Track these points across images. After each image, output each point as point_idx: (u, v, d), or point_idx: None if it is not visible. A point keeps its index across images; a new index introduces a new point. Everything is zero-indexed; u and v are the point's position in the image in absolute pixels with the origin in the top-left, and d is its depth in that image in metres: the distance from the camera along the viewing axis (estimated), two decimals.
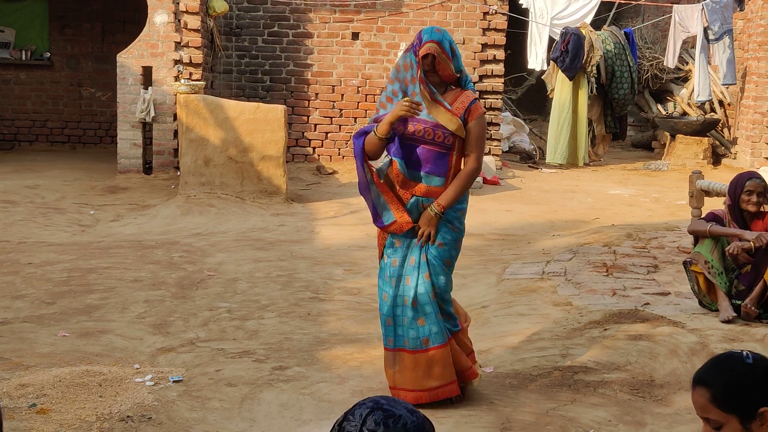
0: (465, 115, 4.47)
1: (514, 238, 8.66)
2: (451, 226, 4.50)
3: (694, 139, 13.71)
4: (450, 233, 4.50)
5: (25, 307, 6.15)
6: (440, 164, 4.46)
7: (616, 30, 12.58)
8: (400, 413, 1.97)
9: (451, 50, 4.49)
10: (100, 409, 4.34)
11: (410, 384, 4.47)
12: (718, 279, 5.51)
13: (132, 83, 11.02)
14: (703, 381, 2.37)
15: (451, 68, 4.48)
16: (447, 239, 4.50)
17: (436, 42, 4.43)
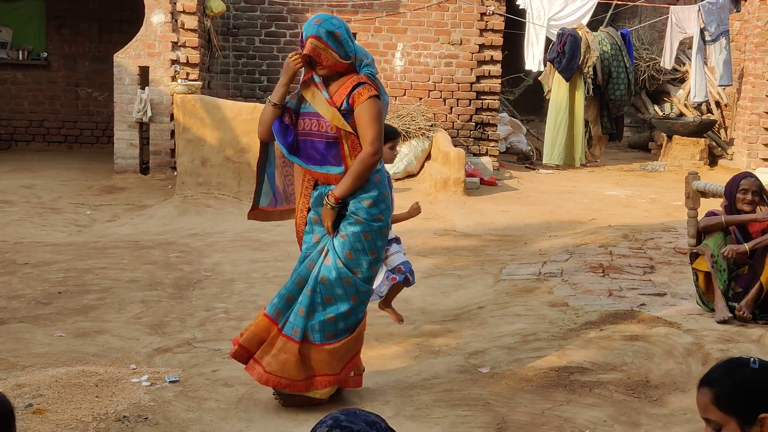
0: (348, 101, 4.29)
1: (511, 239, 8.66)
2: (356, 217, 4.29)
3: (690, 140, 13.73)
4: (354, 225, 4.30)
5: (21, 308, 6.15)
6: (333, 155, 4.31)
7: (613, 31, 12.61)
8: (359, 428, 2.01)
9: (334, 38, 4.25)
10: (97, 410, 4.34)
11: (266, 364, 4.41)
12: (719, 276, 5.50)
13: (129, 83, 11.02)
14: (708, 382, 2.40)
15: (334, 57, 4.27)
16: (348, 231, 4.30)
17: (314, 36, 4.24)
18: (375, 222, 4.32)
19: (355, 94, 4.28)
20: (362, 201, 4.30)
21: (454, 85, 12.67)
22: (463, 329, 5.75)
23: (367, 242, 4.32)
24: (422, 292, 6.71)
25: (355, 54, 4.34)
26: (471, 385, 4.81)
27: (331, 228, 4.32)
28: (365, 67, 4.37)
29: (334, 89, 4.34)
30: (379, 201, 4.34)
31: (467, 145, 12.59)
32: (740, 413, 2.31)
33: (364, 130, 4.27)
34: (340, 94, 4.31)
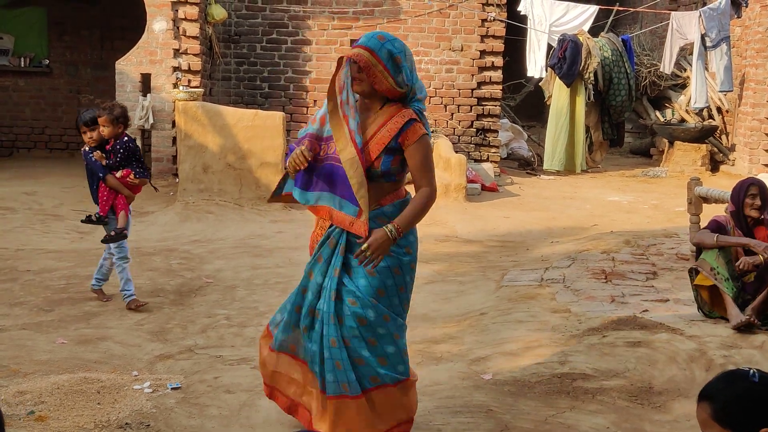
0: (398, 139, 3.88)
1: (513, 245, 8.66)
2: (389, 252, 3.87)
3: (692, 146, 13.73)
4: (386, 259, 3.87)
5: (23, 314, 6.14)
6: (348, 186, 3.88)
7: (614, 37, 12.63)
8: None
9: (394, 62, 3.87)
10: (98, 417, 4.33)
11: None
12: (725, 285, 5.46)
13: (131, 90, 11.02)
14: (707, 396, 2.35)
15: (389, 82, 3.87)
16: (380, 266, 3.85)
17: (370, 50, 3.86)
18: (405, 256, 3.96)
19: (408, 132, 3.89)
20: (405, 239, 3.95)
21: (455, 91, 12.67)
22: (465, 336, 5.74)
23: (398, 277, 3.94)
24: (424, 299, 6.70)
25: (412, 85, 3.95)
26: (473, 391, 4.80)
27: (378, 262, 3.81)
28: (416, 102, 3.99)
29: (376, 118, 3.95)
30: (408, 233, 3.96)
31: (468, 151, 12.59)
32: (740, 428, 2.26)
33: (422, 172, 3.90)
34: (389, 128, 3.89)
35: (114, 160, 6.31)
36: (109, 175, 6.30)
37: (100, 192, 6.37)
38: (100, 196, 6.37)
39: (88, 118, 6.26)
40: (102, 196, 6.37)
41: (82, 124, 6.27)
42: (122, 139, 6.35)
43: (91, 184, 6.42)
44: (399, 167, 3.95)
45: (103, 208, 6.37)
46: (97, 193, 6.40)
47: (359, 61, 3.87)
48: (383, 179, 3.93)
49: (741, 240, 5.53)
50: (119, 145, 6.33)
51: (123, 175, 6.35)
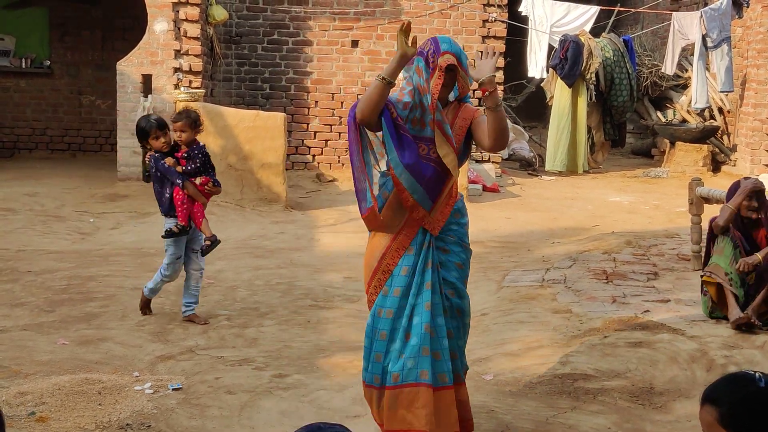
0: (471, 125, 4.10)
1: (514, 246, 8.65)
2: (463, 244, 4.14)
3: (693, 147, 13.72)
4: (463, 251, 4.14)
5: (24, 315, 6.14)
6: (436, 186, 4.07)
7: (615, 37, 12.60)
8: None
9: (466, 61, 4.10)
10: (99, 417, 4.33)
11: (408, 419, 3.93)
12: (739, 292, 5.44)
13: (132, 91, 11.03)
14: (712, 399, 2.32)
15: (465, 81, 4.08)
16: (463, 258, 4.13)
17: (455, 55, 4.00)
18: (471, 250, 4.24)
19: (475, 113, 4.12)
20: (464, 227, 4.18)
21: None
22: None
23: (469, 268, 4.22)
24: None
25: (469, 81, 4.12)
26: (475, 392, 4.79)
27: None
28: (468, 98, 4.26)
29: (450, 117, 4.10)
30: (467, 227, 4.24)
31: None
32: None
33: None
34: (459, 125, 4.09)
35: (193, 167, 5.95)
36: (188, 182, 5.92)
37: (178, 200, 5.92)
38: (178, 204, 5.92)
39: (158, 122, 5.93)
40: (181, 205, 5.92)
41: (155, 128, 5.88)
42: (199, 145, 6.05)
43: (161, 193, 5.98)
44: (466, 157, 4.27)
45: (183, 216, 5.92)
46: (170, 202, 5.94)
47: (454, 68, 3.99)
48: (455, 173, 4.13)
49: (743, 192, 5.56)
50: (198, 151, 5.99)
51: (202, 183, 6.00)
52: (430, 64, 4.02)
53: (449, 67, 3.96)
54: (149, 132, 5.92)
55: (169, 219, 5.98)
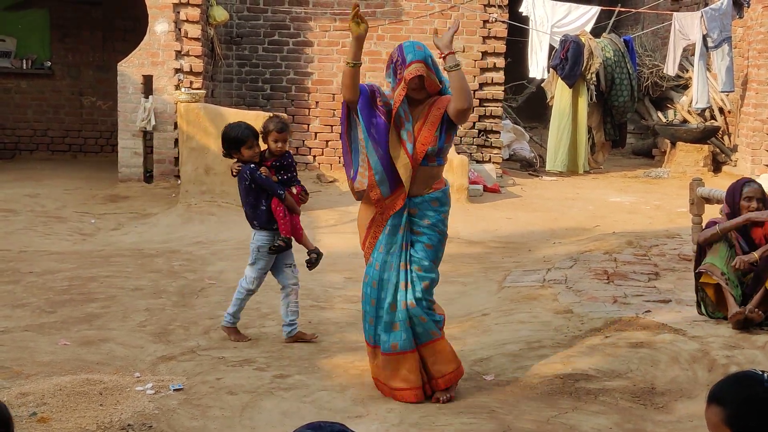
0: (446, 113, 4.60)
1: (515, 246, 8.65)
2: (437, 229, 4.68)
3: (694, 147, 13.72)
4: (436, 235, 4.68)
5: (25, 316, 6.15)
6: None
7: (616, 38, 12.61)
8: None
9: (434, 64, 4.60)
10: (101, 418, 4.33)
11: (383, 378, 4.74)
12: (736, 292, 5.44)
13: (132, 92, 11.03)
14: (719, 399, 2.31)
15: (437, 83, 4.61)
16: (434, 241, 4.68)
17: (422, 61, 4.52)
18: (446, 232, 4.75)
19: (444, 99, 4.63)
20: (441, 213, 4.70)
21: None
22: (467, 336, 5.74)
23: (442, 250, 4.76)
24: None
25: (441, 79, 4.66)
26: (476, 392, 4.80)
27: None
28: (448, 90, 4.68)
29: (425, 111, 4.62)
30: (448, 214, 4.77)
31: (470, 153, 12.59)
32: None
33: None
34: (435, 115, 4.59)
35: (288, 176, 5.70)
36: (287, 193, 5.63)
37: (279, 212, 5.61)
38: (280, 217, 5.61)
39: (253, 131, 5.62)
40: (283, 218, 5.61)
41: (251, 137, 5.59)
42: (290, 153, 5.78)
43: (256, 206, 5.68)
44: (450, 144, 4.69)
45: (287, 229, 5.61)
46: (266, 214, 5.64)
47: (422, 74, 4.52)
48: (435, 162, 4.64)
49: (740, 219, 5.52)
50: (290, 159, 5.75)
51: (297, 192, 5.75)
52: (397, 74, 4.59)
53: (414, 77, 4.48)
54: (245, 141, 5.58)
55: (263, 232, 5.66)
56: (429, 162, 4.63)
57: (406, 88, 4.53)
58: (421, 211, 4.66)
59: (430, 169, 4.65)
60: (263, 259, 5.70)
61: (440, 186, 4.72)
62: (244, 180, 5.66)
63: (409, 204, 4.65)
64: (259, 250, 5.68)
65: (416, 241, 4.66)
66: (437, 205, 4.69)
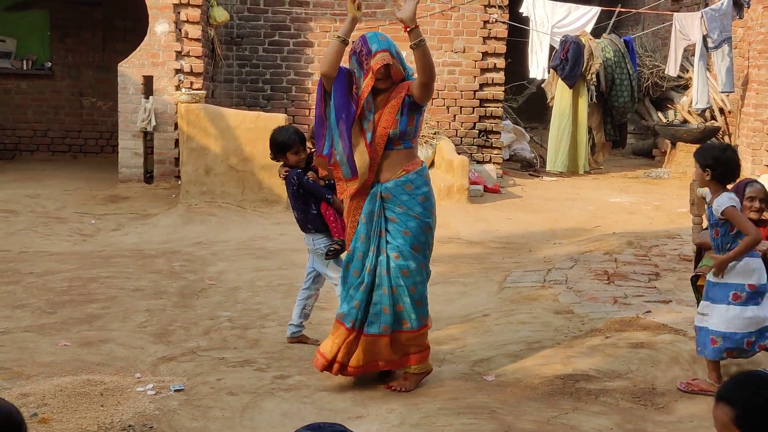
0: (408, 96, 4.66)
1: (515, 246, 8.66)
2: (413, 214, 4.67)
3: (694, 147, 13.67)
4: (413, 220, 4.67)
5: (26, 317, 6.15)
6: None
7: (616, 38, 12.60)
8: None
9: (397, 53, 4.69)
10: (102, 419, 4.33)
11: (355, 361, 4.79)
12: None
13: (133, 92, 11.03)
14: (728, 399, 2.31)
15: (401, 71, 4.69)
16: (411, 226, 4.67)
17: (387, 50, 4.62)
18: (430, 217, 4.73)
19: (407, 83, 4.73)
20: (417, 197, 4.68)
21: (458, 93, 12.68)
22: (467, 337, 5.74)
23: (426, 236, 4.73)
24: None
25: (405, 66, 4.77)
26: (476, 393, 4.80)
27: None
28: (411, 76, 4.82)
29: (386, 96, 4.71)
30: (429, 196, 4.75)
31: (471, 153, 12.59)
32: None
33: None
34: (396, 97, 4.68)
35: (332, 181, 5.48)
36: (334, 197, 5.41)
37: (330, 216, 5.48)
38: (331, 221, 5.48)
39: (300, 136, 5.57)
40: (334, 221, 5.47)
41: (298, 143, 5.55)
42: None
43: (306, 210, 5.56)
44: (414, 128, 4.71)
45: (338, 231, 5.45)
46: (319, 218, 5.51)
47: (389, 62, 4.60)
48: (401, 145, 4.69)
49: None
50: None
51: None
52: (363, 65, 4.67)
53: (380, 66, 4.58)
54: (291, 146, 5.55)
55: (317, 236, 5.53)
56: (395, 146, 4.68)
57: (373, 79, 4.62)
58: (394, 195, 4.67)
59: (396, 153, 4.69)
60: (333, 261, 5.56)
61: (413, 168, 4.72)
62: (292, 185, 5.58)
63: (381, 189, 4.69)
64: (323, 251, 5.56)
65: (391, 226, 4.69)
66: (411, 188, 4.68)
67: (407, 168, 4.70)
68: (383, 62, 4.57)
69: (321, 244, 5.54)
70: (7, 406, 2.28)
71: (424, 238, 4.72)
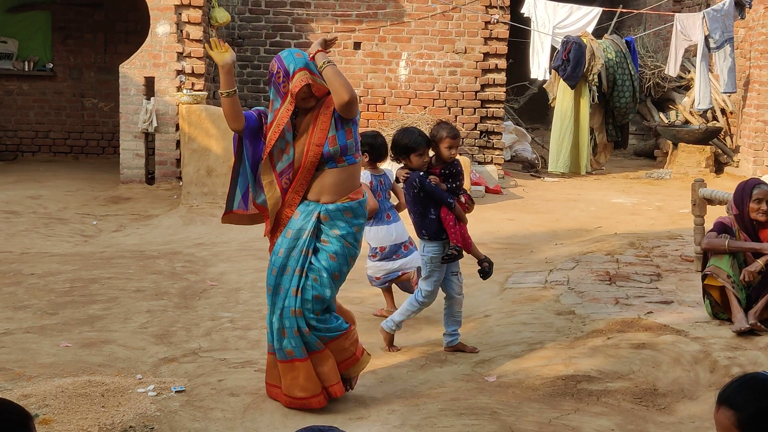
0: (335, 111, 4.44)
1: (517, 247, 8.65)
2: (345, 242, 4.50)
3: (696, 148, 13.71)
4: (344, 248, 4.50)
5: (27, 318, 6.15)
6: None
7: (618, 39, 12.60)
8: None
9: (315, 67, 4.45)
10: (103, 420, 4.33)
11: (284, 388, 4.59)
12: (741, 294, 5.42)
13: (134, 93, 11.04)
14: (730, 402, 2.31)
15: (324, 85, 4.44)
16: (340, 253, 4.49)
17: (305, 68, 4.41)
18: (357, 249, 4.56)
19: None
20: (353, 226, 4.51)
21: (459, 94, 12.68)
22: (469, 338, 5.74)
23: (348, 267, 4.58)
24: None
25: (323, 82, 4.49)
26: (478, 393, 4.80)
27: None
28: None
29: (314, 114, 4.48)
30: (362, 229, 4.60)
31: (472, 154, 12.59)
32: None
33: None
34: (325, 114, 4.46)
35: (456, 185, 5.42)
36: (456, 202, 5.35)
37: (449, 222, 5.32)
38: (450, 226, 5.32)
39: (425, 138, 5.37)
40: (453, 227, 5.32)
41: (423, 145, 5.33)
42: (458, 161, 5.49)
43: (424, 215, 5.38)
44: (354, 140, 4.50)
45: (457, 237, 5.32)
46: (435, 224, 5.34)
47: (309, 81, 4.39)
48: (345, 162, 4.47)
49: (753, 245, 5.48)
50: (459, 167, 5.46)
51: (465, 201, 5.47)
52: (280, 90, 4.46)
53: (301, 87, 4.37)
54: (416, 149, 5.33)
55: (433, 242, 5.39)
56: (338, 163, 4.46)
57: (293, 102, 4.42)
58: (332, 219, 4.47)
59: (340, 171, 4.47)
60: (437, 270, 5.43)
61: (357, 197, 4.54)
62: (413, 188, 5.37)
63: (321, 210, 4.47)
64: (431, 261, 5.41)
65: (321, 249, 4.49)
66: (350, 216, 4.50)
67: (353, 196, 4.51)
68: (303, 83, 4.36)
69: (431, 253, 5.38)
70: (16, 406, 2.30)
71: (346, 269, 4.57)
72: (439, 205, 5.34)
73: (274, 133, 4.45)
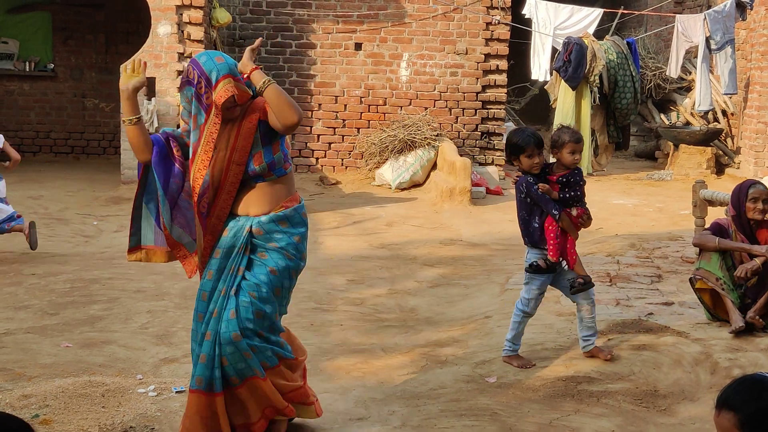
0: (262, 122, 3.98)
1: (518, 248, 8.63)
2: (286, 253, 4.02)
3: (697, 149, 13.70)
4: (284, 260, 4.02)
5: (28, 318, 6.15)
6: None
7: (619, 40, 12.62)
8: None
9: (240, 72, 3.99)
10: (103, 420, 4.33)
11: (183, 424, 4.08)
12: (732, 295, 5.41)
13: None
14: (731, 405, 2.30)
15: (248, 92, 3.97)
16: (280, 266, 4.01)
17: (228, 75, 3.90)
18: (301, 261, 4.11)
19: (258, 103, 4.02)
20: (293, 237, 4.05)
21: (460, 95, 12.68)
22: (469, 339, 5.74)
23: (291, 282, 4.10)
24: (428, 302, 6.70)
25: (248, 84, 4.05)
26: (478, 395, 4.79)
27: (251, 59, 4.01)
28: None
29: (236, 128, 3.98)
30: (304, 238, 4.13)
31: (473, 155, 12.59)
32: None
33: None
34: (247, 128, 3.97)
35: (570, 195, 5.08)
36: (564, 214, 5.05)
37: (551, 233, 5.06)
38: (551, 237, 5.06)
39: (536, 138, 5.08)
40: (554, 239, 5.06)
41: (532, 145, 5.03)
42: (579, 170, 5.17)
43: (528, 222, 5.12)
44: (281, 153, 4.02)
45: (555, 252, 5.05)
46: (538, 232, 5.10)
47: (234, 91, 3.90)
48: (273, 176, 4.01)
49: (743, 246, 5.47)
50: (578, 178, 5.12)
51: (578, 214, 5.11)
52: (203, 102, 3.93)
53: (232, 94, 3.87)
54: (524, 149, 5.03)
55: (534, 250, 5.16)
56: (266, 177, 3.99)
57: (220, 114, 3.91)
58: (267, 232, 4.00)
59: (269, 185, 4.02)
60: (535, 280, 5.18)
61: (291, 204, 4.07)
62: (520, 192, 5.13)
63: (253, 223, 4.01)
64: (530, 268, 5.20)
65: (258, 263, 4.01)
66: (287, 226, 4.03)
67: (286, 204, 4.05)
68: (228, 93, 3.86)
69: (531, 260, 5.17)
70: (15, 419, 2.29)
71: (289, 283, 4.08)
72: (544, 214, 5.06)
73: (206, 154, 3.94)
